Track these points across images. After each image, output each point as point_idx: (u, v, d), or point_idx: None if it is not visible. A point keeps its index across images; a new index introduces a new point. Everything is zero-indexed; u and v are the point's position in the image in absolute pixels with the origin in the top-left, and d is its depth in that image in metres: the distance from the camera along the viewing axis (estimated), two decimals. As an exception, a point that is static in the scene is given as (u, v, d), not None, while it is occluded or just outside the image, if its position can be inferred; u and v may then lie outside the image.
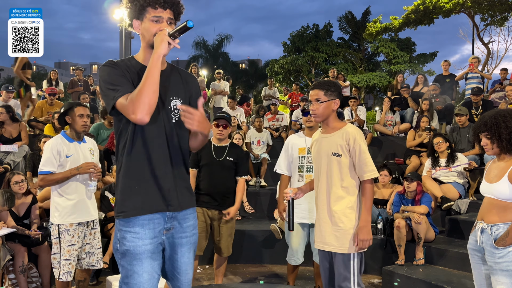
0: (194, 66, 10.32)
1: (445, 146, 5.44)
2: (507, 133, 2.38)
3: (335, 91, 2.59)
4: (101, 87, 1.81)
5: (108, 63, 1.82)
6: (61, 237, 3.31)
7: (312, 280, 4.13)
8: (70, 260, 3.32)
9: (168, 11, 1.82)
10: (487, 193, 2.50)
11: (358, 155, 2.51)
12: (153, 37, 1.80)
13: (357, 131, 2.58)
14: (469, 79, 8.44)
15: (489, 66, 19.92)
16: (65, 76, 47.40)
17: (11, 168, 5.63)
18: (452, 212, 5.22)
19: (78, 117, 3.37)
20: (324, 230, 2.61)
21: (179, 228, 1.94)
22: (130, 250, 1.82)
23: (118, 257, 1.88)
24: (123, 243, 1.83)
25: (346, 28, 26.14)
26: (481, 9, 16.82)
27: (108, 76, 1.78)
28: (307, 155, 3.74)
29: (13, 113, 6.32)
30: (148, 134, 1.83)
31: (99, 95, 9.79)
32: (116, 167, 1.91)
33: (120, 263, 1.87)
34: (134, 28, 1.85)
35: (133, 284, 1.82)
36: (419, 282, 4.02)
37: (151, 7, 1.79)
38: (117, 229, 1.88)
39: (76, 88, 9.57)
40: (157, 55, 1.73)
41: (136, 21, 1.85)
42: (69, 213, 3.33)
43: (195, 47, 29.08)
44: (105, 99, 1.79)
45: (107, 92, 1.76)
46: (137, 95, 1.69)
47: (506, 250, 2.34)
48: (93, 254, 3.50)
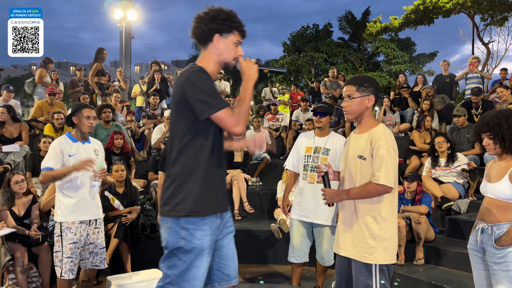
0: (194, 66, 10.30)
1: (446, 146, 5.44)
2: (509, 133, 2.38)
3: (369, 86, 2.41)
4: (196, 92, 1.90)
5: (202, 69, 1.96)
6: (63, 235, 3.34)
7: (312, 280, 4.13)
8: (72, 258, 3.35)
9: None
10: (487, 193, 2.50)
11: (375, 158, 2.32)
12: (231, 57, 2.05)
13: (384, 132, 2.35)
14: (469, 79, 8.45)
15: (489, 66, 19.94)
16: (65, 76, 47.40)
17: (11, 168, 5.63)
18: (452, 212, 5.22)
19: (85, 119, 3.45)
20: (342, 234, 2.50)
21: (223, 221, 2.15)
22: (197, 247, 1.97)
23: (180, 253, 1.98)
24: (190, 241, 1.97)
25: (346, 28, 26.14)
26: (481, 9, 16.82)
27: (206, 83, 1.92)
28: (313, 155, 3.75)
29: (14, 113, 6.33)
30: (220, 142, 2.06)
31: (99, 95, 9.79)
32: (179, 168, 1.99)
33: (181, 258, 1.99)
34: (214, 41, 2.01)
35: (189, 277, 1.98)
36: (419, 282, 4.02)
37: (238, 31, 2.04)
38: (179, 228, 1.97)
39: (77, 88, 9.56)
40: (252, 82, 2.02)
41: (220, 37, 2.02)
42: (71, 211, 3.36)
43: (195, 47, 29.07)
44: (201, 105, 1.90)
45: (207, 99, 1.90)
46: (244, 110, 1.94)
47: (506, 250, 2.34)
48: (97, 254, 3.52)
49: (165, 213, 2.01)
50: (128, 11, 20.40)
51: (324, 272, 3.94)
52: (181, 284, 2.00)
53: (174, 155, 2.01)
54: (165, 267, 2.04)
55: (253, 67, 2.03)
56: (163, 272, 2.06)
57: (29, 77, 9.55)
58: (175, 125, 2.02)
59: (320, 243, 3.79)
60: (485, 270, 2.49)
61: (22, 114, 7.95)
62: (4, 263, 3.78)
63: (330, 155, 3.70)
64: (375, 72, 23.67)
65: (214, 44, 2.02)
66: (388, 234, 2.38)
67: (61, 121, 6.36)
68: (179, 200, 1.97)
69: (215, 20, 1.99)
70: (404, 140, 7.12)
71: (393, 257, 2.41)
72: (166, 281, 2.03)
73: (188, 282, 1.99)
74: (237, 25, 2.03)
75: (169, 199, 2.00)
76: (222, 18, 1.99)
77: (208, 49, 2.04)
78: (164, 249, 2.07)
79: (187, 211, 1.96)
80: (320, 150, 3.75)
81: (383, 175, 2.27)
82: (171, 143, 2.05)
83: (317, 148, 3.77)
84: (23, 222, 4.25)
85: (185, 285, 1.99)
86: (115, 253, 4.59)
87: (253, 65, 2.04)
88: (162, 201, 2.05)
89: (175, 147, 2.01)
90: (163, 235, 2.06)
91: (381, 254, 2.36)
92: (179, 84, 1.96)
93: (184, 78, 1.94)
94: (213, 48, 2.03)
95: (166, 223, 2.02)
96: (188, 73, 1.95)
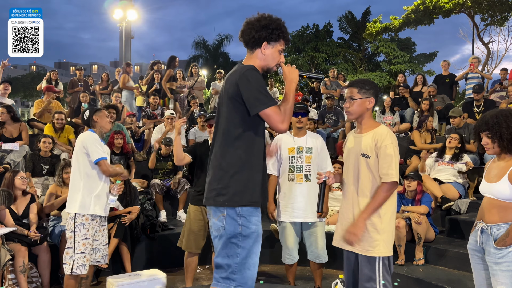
0: (194, 66, 10.32)
1: (455, 144, 5.46)
2: (508, 133, 2.37)
3: (370, 89, 2.55)
4: (252, 88, 2.04)
5: (255, 68, 2.11)
6: (76, 230, 3.39)
7: (312, 280, 4.13)
8: (85, 253, 3.39)
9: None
10: (486, 193, 2.49)
11: (382, 157, 2.44)
12: (274, 64, 2.19)
13: (388, 132, 2.51)
14: (469, 79, 8.45)
15: (489, 66, 19.94)
16: (65, 76, 47.36)
17: (11, 167, 5.62)
18: (452, 212, 5.22)
19: (106, 118, 3.60)
20: (344, 230, 2.56)
21: None
22: (255, 232, 2.11)
23: (238, 240, 2.08)
24: (248, 226, 2.09)
25: (346, 28, 26.10)
26: (481, 9, 16.83)
27: (260, 81, 2.07)
28: (297, 155, 3.78)
29: (14, 113, 6.33)
30: (264, 139, 2.22)
31: (99, 95, 9.79)
32: (231, 160, 2.10)
33: (240, 245, 2.08)
34: (262, 48, 2.15)
35: (250, 264, 2.09)
36: (419, 282, 4.02)
37: (284, 40, 2.19)
38: (235, 215, 2.08)
39: (76, 88, 9.57)
40: (294, 84, 2.17)
41: (268, 44, 2.16)
42: (92, 204, 3.42)
43: (195, 47, 29.06)
44: (254, 101, 2.04)
45: (260, 96, 2.04)
46: (289, 109, 2.08)
47: (506, 251, 2.33)
48: (99, 250, 3.57)
49: (220, 203, 2.09)
50: (128, 11, 20.42)
51: (320, 270, 3.96)
52: (242, 272, 2.07)
53: (223, 148, 2.12)
54: (225, 257, 2.10)
55: (294, 71, 2.19)
56: (222, 263, 2.10)
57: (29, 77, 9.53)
58: (227, 119, 2.13)
59: (314, 241, 3.80)
60: (485, 270, 2.48)
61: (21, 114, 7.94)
62: (4, 263, 3.78)
63: (313, 153, 3.78)
64: (375, 72, 23.65)
65: (261, 51, 2.16)
66: (389, 227, 2.51)
67: (62, 121, 6.36)
68: (235, 191, 2.08)
69: (266, 29, 2.13)
70: (404, 140, 7.11)
71: (391, 250, 2.53)
72: (228, 271, 2.08)
73: (249, 270, 2.09)
74: (285, 34, 2.17)
75: (222, 189, 2.09)
76: (272, 28, 2.13)
77: (255, 53, 2.18)
78: (217, 239, 2.13)
79: (245, 201, 2.08)
80: (302, 149, 3.80)
81: (394, 173, 2.43)
82: (218, 136, 2.16)
83: (299, 148, 3.80)
84: (22, 222, 4.25)
85: (246, 272, 2.08)
86: (115, 253, 4.59)
87: (294, 70, 2.20)
88: (213, 192, 2.12)
89: (225, 140, 2.12)
90: (216, 224, 2.13)
91: (384, 247, 2.48)
92: (233, 81, 2.08)
93: (239, 75, 2.06)
94: (260, 53, 2.17)
95: (221, 212, 2.10)
96: (243, 70, 2.08)
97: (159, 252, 5.11)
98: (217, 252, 2.13)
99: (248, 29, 2.16)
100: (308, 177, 3.76)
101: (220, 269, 2.11)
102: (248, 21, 2.17)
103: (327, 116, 8.48)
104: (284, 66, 2.21)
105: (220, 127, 2.17)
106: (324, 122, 8.43)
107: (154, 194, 5.75)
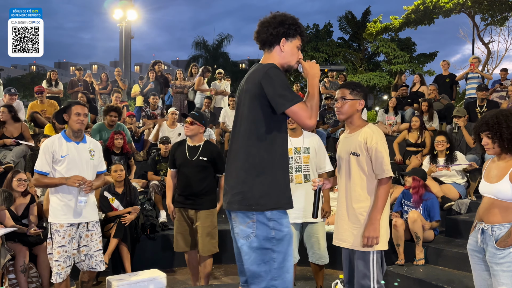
0: (194, 66, 10.31)
1: (446, 147, 5.42)
2: (508, 133, 2.37)
3: (361, 91, 2.66)
4: (276, 86, 1.99)
5: (276, 66, 2.06)
6: (52, 237, 3.30)
7: (312, 280, 4.13)
8: (59, 261, 3.26)
9: None
10: (487, 193, 2.48)
11: (374, 154, 2.56)
12: (294, 60, 2.16)
13: (375, 130, 2.63)
14: (470, 79, 8.45)
15: (489, 66, 19.93)
16: (65, 76, 47.38)
17: (14, 167, 5.61)
18: (453, 212, 5.21)
19: (74, 115, 3.36)
20: (341, 227, 2.69)
21: None
22: (288, 234, 2.05)
23: (273, 245, 2.00)
24: (281, 229, 2.03)
25: (346, 28, 26.08)
26: (481, 9, 16.83)
27: (283, 78, 2.02)
28: (295, 155, 3.78)
29: (15, 112, 6.33)
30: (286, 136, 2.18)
31: (98, 94, 9.79)
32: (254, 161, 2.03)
33: (275, 249, 2.01)
34: (281, 44, 2.11)
35: (288, 267, 2.04)
36: (419, 282, 4.01)
37: (301, 36, 2.17)
38: (266, 219, 2.00)
39: (76, 88, 9.57)
40: (317, 79, 2.14)
41: (286, 40, 2.12)
42: (61, 212, 3.31)
43: (195, 47, 29.06)
44: (280, 99, 1.99)
45: (285, 93, 1.99)
46: (315, 105, 2.04)
47: (507, 251, 2.33)
48: (92, 256, 3.45)
49: (247, 207, 2.00)
50: (128, 11, 20.40)
51: (322, 271, 3.95)
52: (282, 276, 2.02)
53: (246, 148, 2.05)
54: (261, 264, 2.00)
55: (315, 66, 2.16)
56: (259, 271, 2.00)
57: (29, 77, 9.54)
58: (248, 119, 2.06)
59: (316, 242, 3.79)
60: (485, 271, 2.48)
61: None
62: (4, 263, 3.78)
63: (310, 153, 3.78)
64: (375, 72, 23.62)
65: (280, 48, 2.12)
66: (383, 222, 2.61)
67: None
68: (262, 193, 2.00)
69: (283, 25, 2.10)
70: (404, 140, 7.10)
71: (386, 244, 2.65)
72: (267, 278, 2.00)
73: (287, 273, 2.03)
74: (301, 30, 2.15)
75: (247, 192, 2.00)
76: (289, 23, 2.10)
77: (273, 52, 2.14)
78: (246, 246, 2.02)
79: (272, 204, 2.01)
80: (300, 150, 3.79)
81: (388, 168, 2.56)
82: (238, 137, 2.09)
83: (296, 148, 3.80)
84: (21, 222, 4.25)
85: (286, 276, 2.03)
86: (115, 253, 4.58)
87: (315, 65, 2.17)
88: (238, 195, 2.02)
89: (248, 141, 2.05)
90: (244, 230, 2.02)
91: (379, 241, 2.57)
92: (255, 80, 2.03)
93: (262, 74, 2.01)
94: (279, 51, 2.13)
95: (249, 218, 2.01)
96: (266, 69, 2.02)
97: (159, 252, 5.11)
98: (247, 260, 2.03)
99: (264, 27, 2.12)
100: (307, 177, 3.76)
101: (258, 278, 2.01)
102: (263, 20, 2.14)
103: (327, 116, 8.48)
104: (304, 62, 2.18)
105: (241, 128, 2.09)
106: (324, 122, 8.43)
107: (153, 195, 5.75)
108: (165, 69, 24.88)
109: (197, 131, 3.89)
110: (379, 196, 2.57)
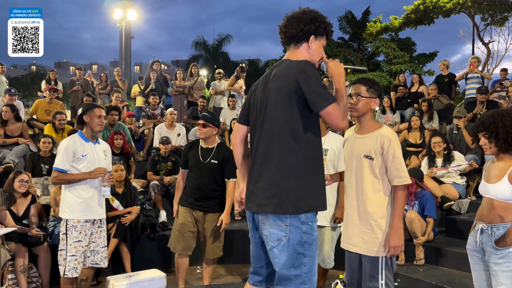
0: (194, 66, 10.32)
1: (442, 147, 5.42)
2: (504, 132, 2.38)
3: (376, 90, 2.53)
4: (314, 84, 1.93)
5: (311, 63, 2.02)
6: (68, 233, 3.38)
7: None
8: (76, 256, 3.37)
9: None
10: (486, 194, 2.49)
11: (392, 160, 2.43)
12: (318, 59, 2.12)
13: (392, 134, 2.49)
14: (469, 79, 8.45)
15: (489, 66, 19.94)
16: (65, 76, 47.41)
17: (13, 167, 5.61)
18: (453, 212, 5.22)
19: (96, 118, 3.48)
20: (351, 231, 2.58)
21: None
22: (316, 239, 2.03)
23: (304, 249, 1.97)
24: (312, 234, 2.00)
25: (346, 28, 26.09)
26: (481, 9, 16.83)
27: (319, 77, 1.97)
28: None
29: (17, 112, 6.36)
30: (320, 136, 2.10)
31: (98, 94, 9.79)
32: (288, 162, 1.96)
33: (306, 254, 1.98)
34: (309, 42, 2.07)
35: (315, 270, 2.03)
36: (419, 282, 4.01)
37: (328, 36, 2.14)
38: (300, 223, 1.96)
39: (74, 87, 9.57)
40: (343, 78, 2.07)
41: (314, 38, 2.08)
42: (79, 209, 3.41)
43: (195, 47, 29.08)
44: (318, 97, 1.92)
45: (322, 91, 1.93)
46: (346, 105, 1.99)
47: (506, 251, 2.33)
48: (98, 252, 3.55)
49: (283, 211, 1.94)
50: (128, 11, 20.41)
51: (325, 274, 3.90)
52: (311, 280, 2.01)
53: (279, 149, 1.97)
54: (291, 268, 1.97)
55: (340, 65, 2.11)
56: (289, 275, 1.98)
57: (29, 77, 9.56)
58: (280, 118, 1.97)
59: (320, 245, 3.70)
60: (485, 271, 2.48)
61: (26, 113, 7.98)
62: (4, 263, 3.78)
63: (328, 155, 3.63)
64: (375, 72, 23.63)
65: (309, 45, 2.08)
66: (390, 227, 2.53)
67: (63, 121, 6.36)
68: (298, 196, 1.95)
69: (314, 22, 2.06)
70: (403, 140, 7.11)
71: None
72: (298, 281, 1.97)
73: (314, 275, 2.02)
74: (330, 29, 2.13)
75: (283, 195, 1.95)
76: (319, 21, 2.07)
77: (301, 48, 2.08)
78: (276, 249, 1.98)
79: (309, 206, 1.98)
80: None
81: (406, 175, 2.45)
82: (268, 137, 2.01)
83: None
84: (22, 222, 4.25)
85: (313, 279, 2.02)
86: (115, 253, 4.59)
87: (340, 64, 2.12)
88: (274, 198, 1.95)
89: (282, 141, 1.97)
90: (276, 234, 1.96)
91: (386, 246, 2.47)
92: (291, 77, 1.95)
93: (298, 71, 1.94)
94: (307, 48, 2.08)
95: (282, 221, 1.95)
96: (302, 66, 1.96)
97: (159, 252, 5.11)
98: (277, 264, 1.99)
99: (294, 22, 2.04)
100: None
101: (287, 281, 1.98)
102: (293, 15, 2.07)
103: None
104: (328, 60, 2.13)
105: (274, 127, 1.99)
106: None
107: (153, 195, 5.75)
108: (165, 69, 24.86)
109: (210, 134, 3.79)
110: (398, 203, 2.45)
